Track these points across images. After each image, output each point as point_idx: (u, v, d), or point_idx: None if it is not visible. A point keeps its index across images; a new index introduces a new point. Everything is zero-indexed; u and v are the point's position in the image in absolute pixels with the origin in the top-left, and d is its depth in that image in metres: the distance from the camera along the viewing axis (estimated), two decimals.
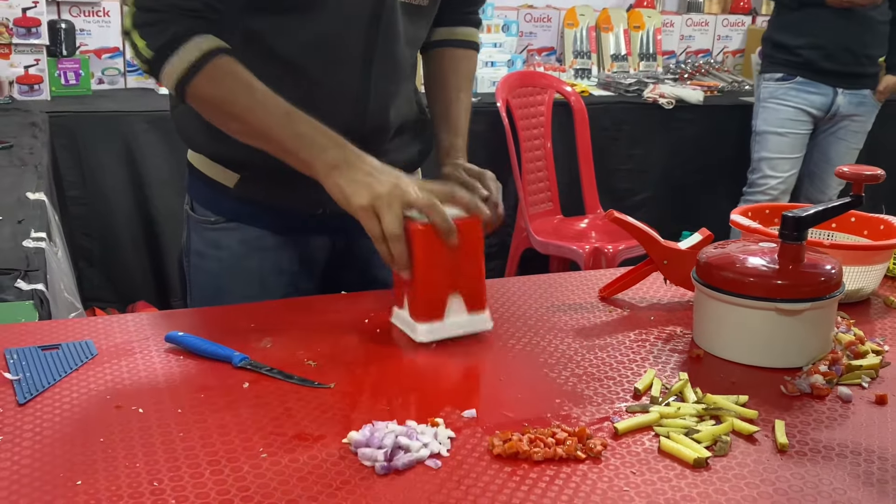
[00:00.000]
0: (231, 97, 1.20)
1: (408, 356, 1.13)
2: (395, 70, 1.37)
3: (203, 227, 1.41)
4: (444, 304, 1.15)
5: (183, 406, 0.97)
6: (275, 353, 1.11)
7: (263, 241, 1.39)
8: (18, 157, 2.29)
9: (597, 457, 0.91)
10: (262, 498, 0.81)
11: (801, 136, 3.51)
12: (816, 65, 3.39)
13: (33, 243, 1.62)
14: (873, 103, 3.53)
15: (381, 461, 0.87)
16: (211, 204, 1.40)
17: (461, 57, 1.51)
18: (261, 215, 1.38)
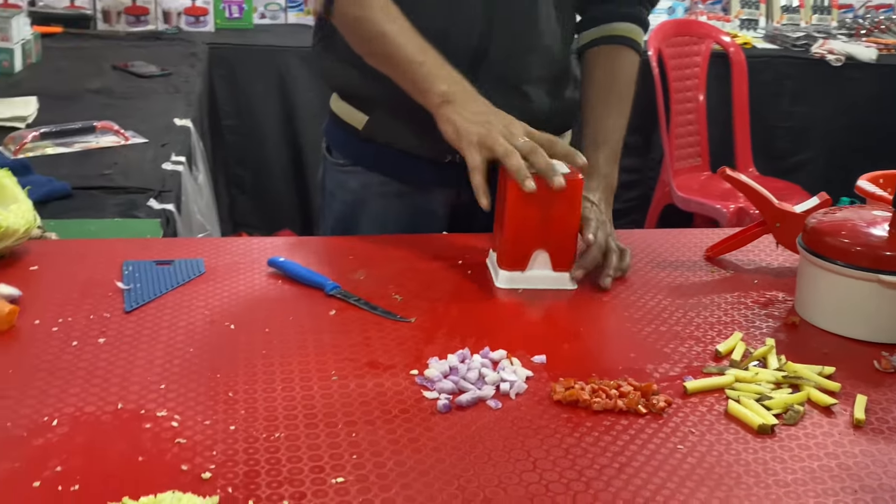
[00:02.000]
0: (368, 17, 1.23)
1: (492, 298, 1.15)
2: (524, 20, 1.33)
3: (334, 167, 1.45)
4: (529, 257, 1.15)
5: (271, 326, 1.03)
6: (366, 285, 1.15)
7: (387, 188, 1.41)
8: (173, 85, 2.43)
9: (658, 413, 0.90)
10: (324, 416, 0.86)
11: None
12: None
13: (171, 166, 1.73)
14: None
15: (444, 396, 0.90)
16: (343, 147, 1.44)
17: (615, 56, 1.39)
18: (386, 160, 1.39)
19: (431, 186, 1.40)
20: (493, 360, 0.98)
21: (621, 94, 1.36)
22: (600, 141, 1.33)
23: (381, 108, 1.36)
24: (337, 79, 1.41)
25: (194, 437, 0.82)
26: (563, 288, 1.17)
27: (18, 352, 0.95)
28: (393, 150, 1.38)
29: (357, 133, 1.39)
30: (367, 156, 1.41)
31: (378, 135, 1.38)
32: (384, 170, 1.40)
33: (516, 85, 1.36)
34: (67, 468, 0.76)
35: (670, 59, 3.38)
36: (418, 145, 1.35)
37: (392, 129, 1.37)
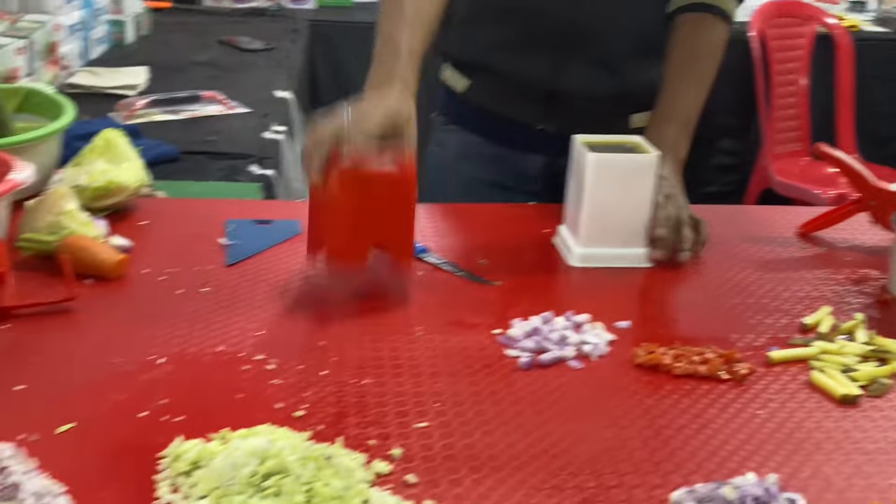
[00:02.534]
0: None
1: (577, 267, 1.16)
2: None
3: (439, 127, 1.51)
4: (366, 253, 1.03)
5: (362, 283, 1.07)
6: (453, 248, 1.18)
7: (480, 149, 1.45)
8: (275, 60, 2.51)
9: (740, 380, 0.91)
10: (409, 367, 0.90)
11: None
12: None
13: (271, 135, 1.80)
14: None
15: (526, 354, 0.93)
16: (445, 108, 1.49)
17: (700, 25, 1.32)
18: (483, 122, 1.44)
19: (525, 151, 1.43)
20: (577, 323, 1.00)
21: (703, 66, 1.32)
22: (672, 114, 1.30)
23: (482, 73, 1.41)
24: (446, 46, 1.45)
25: (288, 379, 0.86)
26: (641, 265, 1.17)
27: (128, 297, 1.01)
28: (491, 114, 1.42)
29: (458, 96, 1.44)
30: (466, 116, 1.46)
31: (478, 98, 1.43)
32: (481, 131, 1.44)
33: (605, 62, 1.36)
34: (172, 401, 0.82)
35: (773, 41, 3.30)
36: (513, 110, 1.40)
37: (490, 94, 1.41)
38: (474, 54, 1.39)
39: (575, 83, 1.34)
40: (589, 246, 1.16)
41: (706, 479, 0.75)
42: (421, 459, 0.76)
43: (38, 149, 1.22)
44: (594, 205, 1.15)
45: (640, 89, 1.38)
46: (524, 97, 1.36)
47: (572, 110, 1.35)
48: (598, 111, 1.36)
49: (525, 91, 1.35)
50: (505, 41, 1.36)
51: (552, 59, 1.34)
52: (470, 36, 1.38)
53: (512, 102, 1.39)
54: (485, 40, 1.37)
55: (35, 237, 1.06)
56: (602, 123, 1.26)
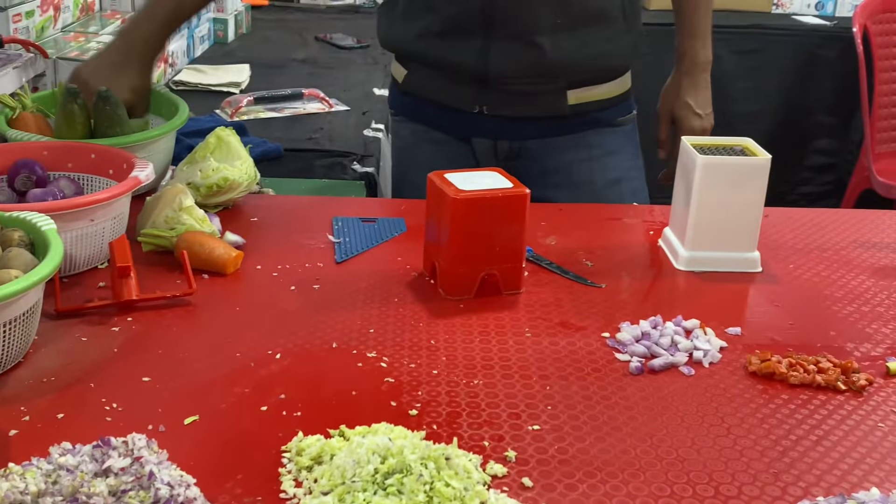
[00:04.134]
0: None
1: (682, 271, 1.15)
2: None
3: (392, 119, 1.56)
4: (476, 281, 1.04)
5: None
6: (556, 250, 1.18)
7: (429, 136, 1.47)
8: (372, 57, 2.54)
9: (858, 391, 0.89)
10: (518, 369, 0.90)
11: None
12: None
13: (372, 133, 1.82)
14: None
15: (636, 359, 0.92)
16: (393, 99, 1.54)
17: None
18: (425, 111, 1.46)
19: (467, 135, 1.44)
20: (686, 328, 0.99)
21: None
22: (696, 30, 1.44)
23: (415, 62, 1.44)
24: (386, 40, 1.48)
25: (401, 377, 0.88)
26: (749, 270, 1.15)
27: (244, 292, 1.04)
28: (428, 102, 1.45)
29: (399, 86, 1.48)
30: (408, 107, 1.50)
31: (415, 87, 1.46)
32: (424, 120, 1.48)
33: (528, 39, 1.34)
34: (290, 396, 0.84)
35: (876, 37, 3.19)
36: (447, 96, 1.42)
37: (424, 82, 1.44)
38: (408, 45, 1.42)
39: (502, 63, 1.35)
40: (696, 249, 1.15)
41: (827, 493, 0.73)
42: (535, 463, 0.76)
43: (156, 146, 1.26)
44: (702, 208, 1.14)
45: (568, 64, 1.36)
46: (456, 82, 1.39)
47: (505, 90, 1.38)
48: (531, 89, 1.38)
49: (456, 76, 1.37)
50: (432, 29, 1.37)
51: (478, 42, 1.35)
52: (404, 27, 1.41)
53: (445, 88, 1.42)
54: (415, 30, 1.39)
55: (155, 232, 1.10)
56: (538, 102, 1.34)
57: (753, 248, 1.16)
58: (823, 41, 3.30)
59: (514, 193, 1.04)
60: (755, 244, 1.16)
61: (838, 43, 3.22)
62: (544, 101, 1.39)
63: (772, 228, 1.28)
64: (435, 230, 1.07)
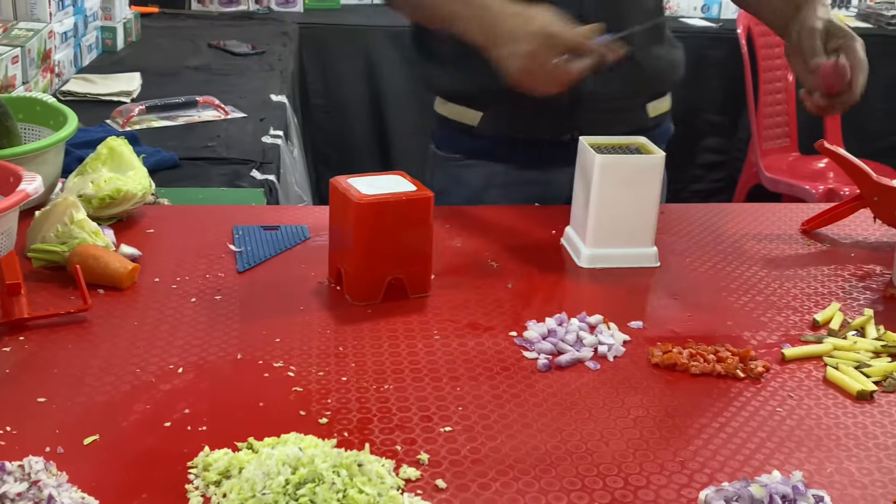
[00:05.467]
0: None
1: (584, 269, 1.17)
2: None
3: (448, 163, 1.46)
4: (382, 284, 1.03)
5: None
6: (462, 252, 1.19)
7: (507, 177, 1.40)
8: (268, 63, 2.51)
9: (756, 378, 0.92)
10: (428, 371, 0.90)
11: None
12: None
13: (271, 139, 1.79)
14: None
15: (544, 356, 0.93)
16: (457, 145, 1.44)
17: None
18: (505, 150, 1.39)
19: (554, 166, 1.39)
20: (590, 324, 1.00)
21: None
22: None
23: (496, 103, 1.37)
24: (442, 83, 1.42)
25: (309, 386, 0.86)
26: (648, 265, 1.18)
27: (142, 306, 1.01)
28: (513, 140, 1.38)
29: (471, 130, 1.40)
30: (484, 149, 1.41)
31: (496, 128, 1.39)
32: (504, 159, 1.40)
33: None
34: (195, 411, 0.82)
35: (760, 38, 3.32)
36: (537, 129, 1.36)
37: (510, 120, 1.37)
38: (482, 84, 1.32)
39: (597, 82, 1.28)
40: (597, 247, 1.17)
41: (731, 478, 0.76)
42: (448, 464, 0.76)
43: (44, 158, 1.21)
44: (601, 206, 1.16)
45: (653, 75, 1.38)
46: (546, 113, 1.31)
47: (596, 111, 1.34)
48: (619, 107, 1.35)
49: (546, 107, 1.27)
50: None
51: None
52: (473, 69, 1.31)
53: (535, 122, 1.35)
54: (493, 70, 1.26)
55: (46, 247, 1.06)
56: (623, 120, 1.25)
57: (651, 243, 1.18)
58: (710, 42, 3.42)
59: (418, 196, 1.04)
60: (653, 240, 1.18)
61: (724, 44, 3.35)
62: (630, 117, 1.34)
63: (668, 224, 1.32)
64: (339, 236, 1.06)
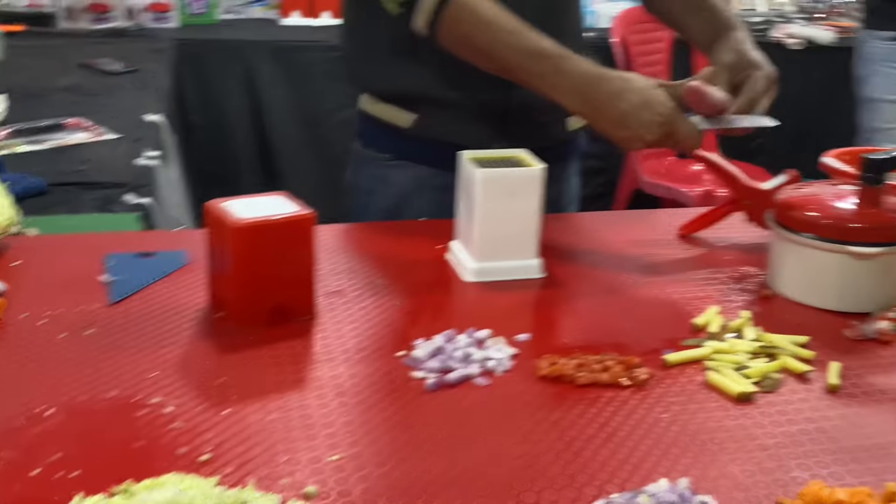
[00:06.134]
0: (478, 35, 1.23)
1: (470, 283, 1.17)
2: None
3: (375, 162, 1.44)
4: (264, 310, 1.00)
5: None
6: (348, 270, 1.17)
7: (436, 180, 1.38)
8: (141, 81, 2.43)
9: (641, 385, 0.93)
10: (315, 398, 0.88)
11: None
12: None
13: (145, 161, 1.73)
14: None
15: (432, 376, 0.92)
16: (384, 144, 1.43)
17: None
18: (436, 153, 1.37)
19: None
20: (479, 339, 1.00)
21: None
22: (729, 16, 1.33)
23: (430, 105, 1.36)
24: (375, 82, 1.40)
25: (189, 422, 0.83)
26: (533, 277, 1.18)
27: (8, 344, 0.95)
28: (444, 144, 1.35)
29: (402, 131, 1.39)
30: (414, 151, 1.40)
31: (428, 131, 1.38)
32: (435, 163, 1.38)
33: None
34: (67, 455, 0.77)
35: (634, 46, 3.42)
36: (468, 136, 1.35)
37: (442, 124, 1.37)
38: (419, 87, 1.34)
39: (527, 96, 1.28)
40: (482, 261, 1.17)
41: (620, 489, 0.76)
42: (337, 495, 0.74)
43: None
44: (485, 220, 1.16)
45: None
46: (479, 121, 1.33)
47: (525, 123, 1.35)
48: (544, 120, 1.36)
49: (479, 115, 1.32)
50: (454, 69, 1.30)
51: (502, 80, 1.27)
52: (409, 70, 1.33)
53: (466, 128, 1.36)
54: (430, 71, 1.32)
55: None
56: (546, 131, 1.27)
57: (535, 254, 1.19)
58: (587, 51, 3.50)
59: (298, 217, 1.01)
60: (537, 251, 1.19)
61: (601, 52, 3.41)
62: (554, 130, 1.34)
63: (552, 234, 1.33)
64: (218, 261, 1.03)
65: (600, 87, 1.18)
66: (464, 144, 1.35)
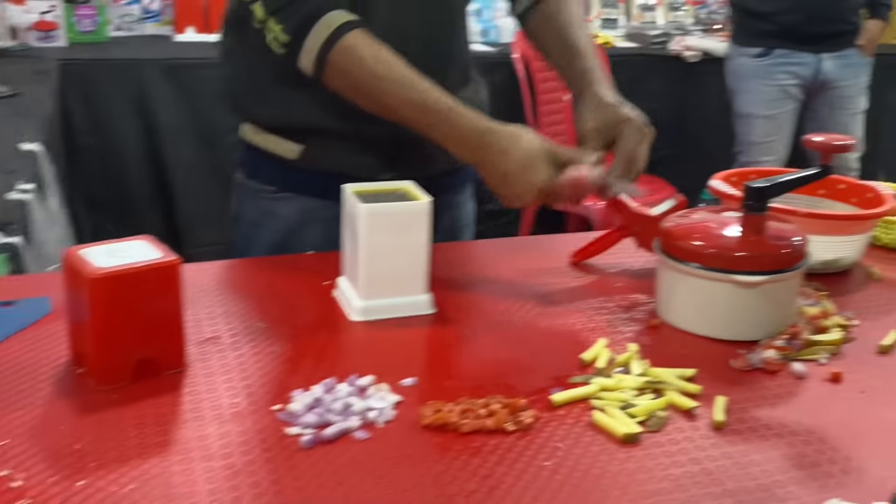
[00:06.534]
0: (363, 84, 1.20)
1: (358, 322, 1.12)
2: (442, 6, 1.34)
3: (260, 195, 1.40)
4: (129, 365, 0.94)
5: None
6: (225, 314, 1.11)
7: (325, 212, 1.34)
8: (22, 106, 2.31)
9: (526, 430, 0.90)
10: (179, 461, 0.82)
11: (791, 111, 3.25)
12: (797, 31, 3.08)
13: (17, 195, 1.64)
14: (863, 60, 3.24)
15: (308, 431, 0.87)
16: (269, 176, 1.38)
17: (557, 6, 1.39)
18: (324, 184, 1.33)
19: None
20: (361, 387, 0.96)
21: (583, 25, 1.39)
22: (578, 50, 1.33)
23: (317, 136, 1.33)
24: (258, 112, 1.36)
25: (40, 496, 0.76)
26: (423, 313, 1.15)
27: None
28: (332, 175, 1.31)
29: (288, 163, 1.35)
30: (301, 182, 1.36)
31: (315, 162, 1.34)
32: (323, 194, 1.34)
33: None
34: None
35: (535, 62, 3.44)
36: (357, 168, 1.33)
37: (330, 156, 1.34)
38: (306, 118, 1.31)
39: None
40: (369, 299, 1.13)
41: None
42: None
43: None
44: (370, 256, 1.12)
45: None
46: (368, 152, 1.32)
47: (414, 154, 1.32)
48: (433, 151, 1.31)
49: (368, 147, 1.30)
50: (342, 102, 1.25)
51: None
52: (294, 100, 1.30)
53: (355, 159, 1.33)
54: (317, 103, 1.29)
55: None
56: (437, 161, 1.25)
57: (425, 290, 1.16)
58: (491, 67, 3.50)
59: (163, 264, 0.95)
60: (426, 286, 1.16)
61: (504, 69, 3.43)
62: (446, 159, 1.27)
63: (443, 265, 1.30)
64: (77, 312, 0.96)
65: (488, 143, 1.17)
66: (353, 175, 1.32)
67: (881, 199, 1.36)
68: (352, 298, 1.14)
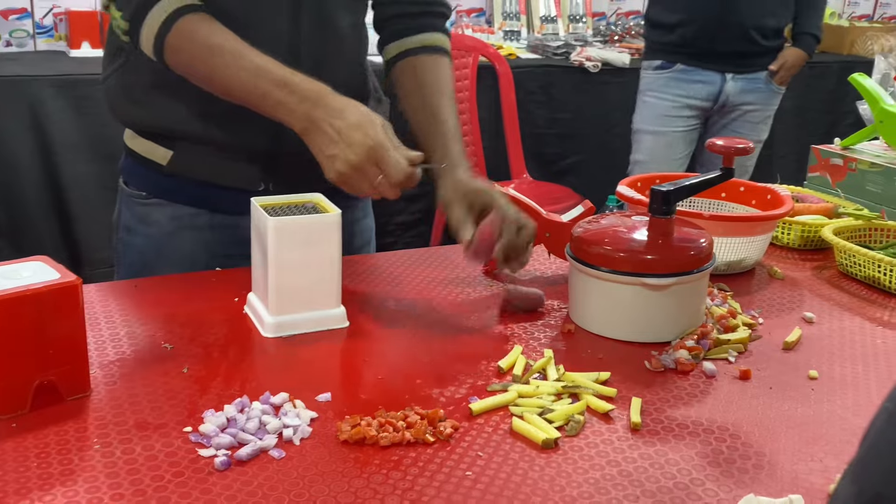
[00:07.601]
0: (198, 59, 1.17)
1: (271, 338, 1.10)
2: (327, 28, 1.30)
3: (134, 201, 1.37)
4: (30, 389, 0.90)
5: None
6: (128, 336, 1.07)
7: (197, 220, 1.33)
8: None
9: (446, 440, 0.89)
10: (85, 490, 0.78)
11: (685, 132, 2.98)
12: (698, 46, 2.83)
13: None
14: (772, 88, 2.96)
15: (222, 452, 0.85)
16: (144, 181, 1.36)
17: (434, 62, 1.38)
18: (196, 192, 1.32)
19: (247, 216, 1.26)
20: (275, 404, 0.93)
21: (451, 94, 1.37)
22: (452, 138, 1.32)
23: (187, 142, 1.29)
24: (133, 116, 1.32)
25: None
26: (336, 327, 1.13)
27: None
28: (204, 183, 1.31)
29: (160, 168, 1.32)
30: (173, 189, 1.33)
31: (186, 169, 1.31)
32: (194, 202, 1.32)
33: None
34: None
35: None
36: (230, 177, 1.30)
37: (200, 163, 1.30)
38: (176, 124, 1.28)
39: (296, 141, 1.18)
40: (280, 314, 1.10)
41: None
42: None
43: None
44: (280, 271, 1.09)
45: None
46: (241, 162, 1.29)
47: (294, 165, 1.26)
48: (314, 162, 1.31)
49: (241, 156, 1.27)
50: (216, 109, 1.23)
51: (270, 122, 1.18)
52: (166, 105, 1.27)
53: (227, 169, 1.30)
54: (190, 109, 1.26)
55: None
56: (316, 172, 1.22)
57: (337, 303, 1.14)
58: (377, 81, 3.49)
59: (61, 285, 0.91)
60: (339, 299, 1.14)
61: None
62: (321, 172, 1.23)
63: (355, 278, 1.28)
64: None
65: (326, 102, 1.12)
66: (226, 184, 1.31)
67: (780, 201, 1.40)
68: (263, 314, 1.12)
